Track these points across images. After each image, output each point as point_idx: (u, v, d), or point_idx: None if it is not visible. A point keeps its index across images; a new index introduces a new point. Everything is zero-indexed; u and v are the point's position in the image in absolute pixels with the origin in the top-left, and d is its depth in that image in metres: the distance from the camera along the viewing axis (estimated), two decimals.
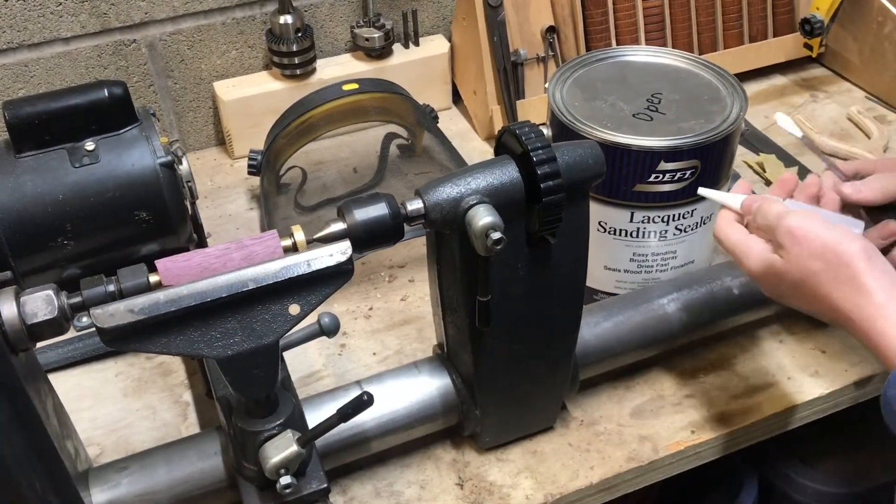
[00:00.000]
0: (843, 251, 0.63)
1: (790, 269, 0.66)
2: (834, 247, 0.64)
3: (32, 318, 0.56)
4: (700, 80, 0.89)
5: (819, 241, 0.64)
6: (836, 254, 0.63)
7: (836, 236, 0.64)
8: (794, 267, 0.66)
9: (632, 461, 0.80)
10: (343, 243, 0.61)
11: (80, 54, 1.09)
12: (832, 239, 0.64)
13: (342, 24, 1.21)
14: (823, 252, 0.64)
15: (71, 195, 0.85)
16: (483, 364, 0.73)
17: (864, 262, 0.63)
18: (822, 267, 0.64)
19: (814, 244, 0.65)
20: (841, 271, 0.63)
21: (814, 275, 0.65)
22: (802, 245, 0.65)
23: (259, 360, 0.60)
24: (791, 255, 0.66)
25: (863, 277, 0.62)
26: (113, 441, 0.83)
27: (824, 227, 0.65)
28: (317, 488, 0.66)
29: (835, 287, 0.64)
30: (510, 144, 0.67)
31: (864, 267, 0.62)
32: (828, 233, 0.65)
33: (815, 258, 0.64)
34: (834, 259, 0.63)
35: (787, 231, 0.66)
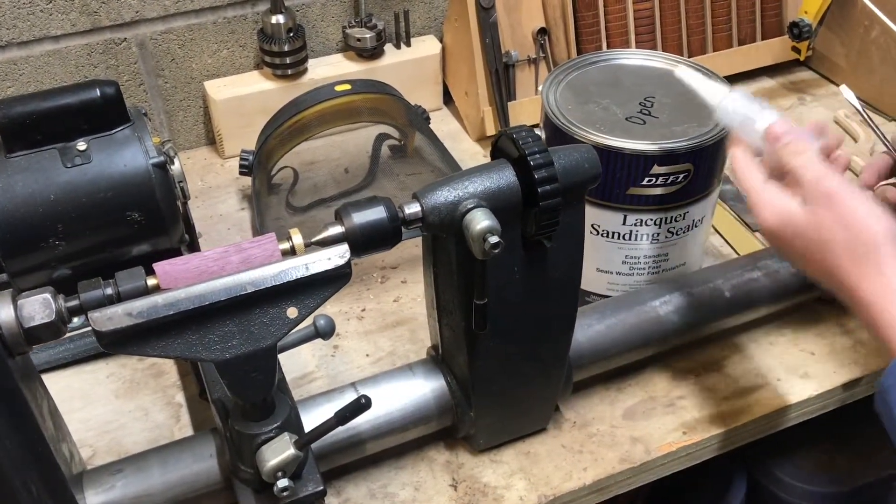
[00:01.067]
0: (870, 227, 0.61)
1: (812, 229, 0.63)
2: (864, 221, 0.62)
3: (30, 321, 0.56)
4: None
5: (852, 211, 0.62)
6: (864, 230, 0.61)
7: (869, 212, 0.62)
8: (817, 228, 0.63)
9: (624, 462, 0.80)
10: (341, 247, 0.61)
11: (70, 53, 1.08)
12: (863, 212, 0.62)
13: (334, 24, 1.21)
14: (853, 223, 0.62)
15: (62, 195, 0.85)
16: (478, 366, 0.73)
17: (890, 245, 0.61)
18: (846, 237, 0.62)
19: (846, 212, 0.62)
20: (864, 249, 0.61)
21: (835, 243, 0.62)
22: (835, 209, 0.62)
23: (257, 363, 0.60)
24: (819, 214, 0.63)
25: (884, 260, 0.60)
26: (105, 443, 0.83)
27: (863, 198, 0.63)
28: (313, 490, 0.66)
29: (852, 262, 0.61)
30: (507, 148, 0.67)
31: (888, 251, 0.61)
32: (864, 206, 0.62)
33: (842, 227, 0.62)
34: (860, 234, 0.61)
35: (827, 192, 0.63)
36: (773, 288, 0.89)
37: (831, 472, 1.15)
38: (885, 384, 0.59)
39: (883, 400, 0.59)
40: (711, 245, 1.03)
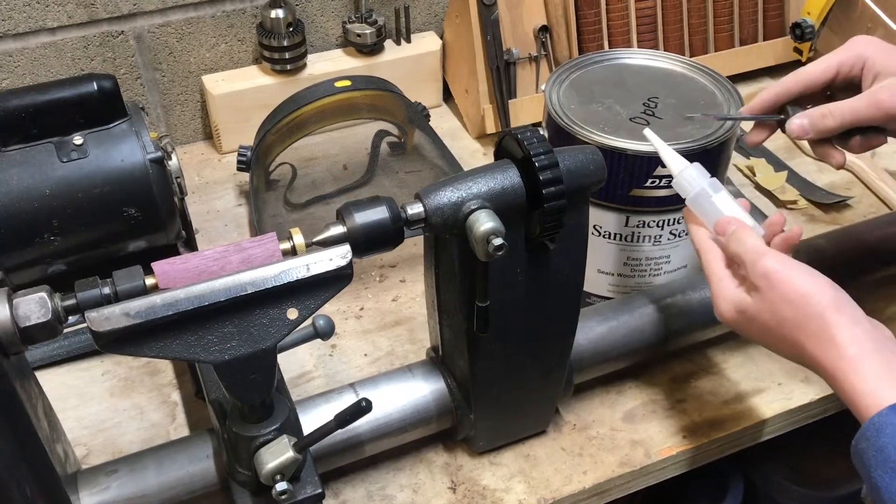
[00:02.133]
0: (816, 302, 0.61)
1: (762, 314, 0.64)
2: (807, 297, 0.62)
3: (25, 320, 0.54)
4: (696, 84, 0.89)
5: (792, 288, 0.63)
6: (808, 304, 0.62)
7: (808, 285, 0.62)
8: (765, 311, 0.64)
9: (624, 466, 0.80)
10: (343, 247, 0.60)
11: (66, 45, 1.07)
12: (805, 287, 0.62)
13: (334, 20, 1.20)
14: (795, 299, 0.62)
15: (58, 190, 0.84)
16: (479, 368, 0.72)
17: (835, 313, 0.61)
18: (794, 315, 0.62)
19: (787, 290, 0.63)
20: (812, 322, 0.61)
21: (786, 321, 0.63)
22: (776, 290, 0.63)
23: (256, 364, 0.59)
24: (765, 298, 0.64)
25: (834, 330, 0.61)
26: (100, 442, 0.82)
27: (800, 272, 0.63)
28: (311, 493, 0.65)
29: (807, 338, 0.62)
30: (511, 149, 0.67)
31: (835, 319, 0.61)
32: (802, 280, 0.63)
33: (788, 305, 0.63)
34: (805, 308, 0.62)
35: (764, 273, 0.64)
36: None
37: (828, 476, 1.15)
38: (857, 447, 0.58)
39: (859, 461, 0.58)
40: None
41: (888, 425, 0.56)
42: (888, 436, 0.55)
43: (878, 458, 0.56)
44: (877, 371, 0.59)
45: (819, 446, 1.13)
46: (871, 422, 0.57)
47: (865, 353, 0.60)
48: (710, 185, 0.72)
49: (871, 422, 0.57)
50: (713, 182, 0.72)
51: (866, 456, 0.57)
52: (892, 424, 0.56)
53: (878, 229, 0.95)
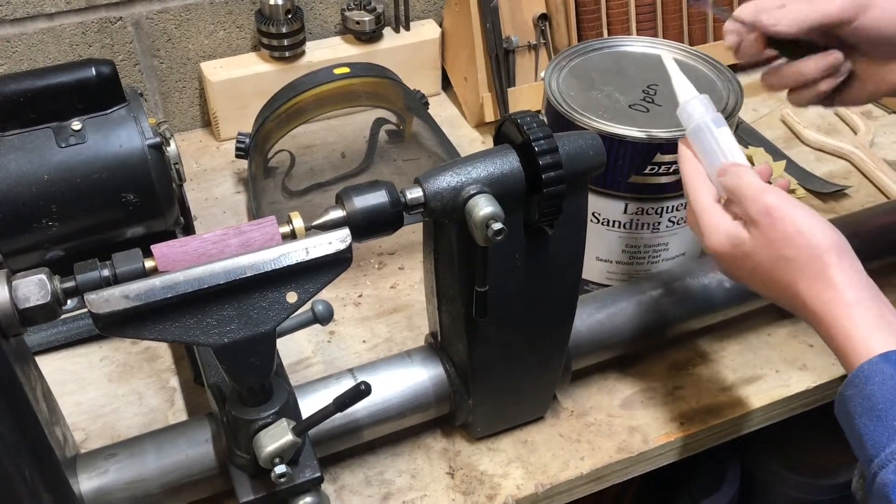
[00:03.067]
0: (817, 243, 0.60)
1: (758, 250, 0.63)
2: (808, 236, 0.61)
3: (25, 302, 0.54)
4: (696, 72, 0.89)
5: (794, 226, 0.61)
6: (810, 244, 0.61)
7: (811, 225, 0.61)
8: (763, 249, 0.62)
9: (622, 452, 0.80)
10: (342, 231, 0.60)
11: (64, 31, 1.06)
12: (807, 227, 0.61)
13: (332, 7, 1.19)
14: (796, 238, 0.61)
15: (56, 175, 0.83)
16: (478, 353, 0.72)
17: (836, 257, 0.60)
18: (794, 255, 0.61)
19: (789, 227, 0.61)
20: (812, 263, 0.60)
21: (783, 261, 0.62)
22: (777, 227, 0.62)
23: (255, 348, 0.59)
24: (764, 235, 0.62)
25: (832, 272, 0.60)
26: (98, 426, 0.82)
27: (803, 212, 0.62)
28: (310, 477, 0.66)
29: (802, 278, 0.61)
30: (510, 134, 0.66)
31: (836, 262, 0.60)
32: (805, 219, 0.62)
33: (788, 243, 0.61)
34: (806, 249, 0.61)
35: (766, 209, 0.62)
36: None
37: (824, 464, 1.15)
38: (844, 394, 0.58)
39: (844, 409, 0.58)
40: None
41: (878, 373, 0.55)
42: (876, 384, 0.55)
43: (865, 405, 0.55)
44: (870, 320, 0.58)
45: (814, 434, 1.13)
46: (860, 369, 0.57)
47: (861, 300, 0.59)
48: (713, 120, 0.70)
49: (860, 369, 0.57)
50: (717, 117, 0.71)
51: (852, 403, 0.57)
52: (881, 373, 0.55)
53: (876, 218, 0.96)
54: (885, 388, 0.55)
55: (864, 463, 0.56)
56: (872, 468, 0.54)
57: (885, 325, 0.58)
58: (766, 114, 1.25)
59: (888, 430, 0.54)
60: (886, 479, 0.53)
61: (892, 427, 0.54)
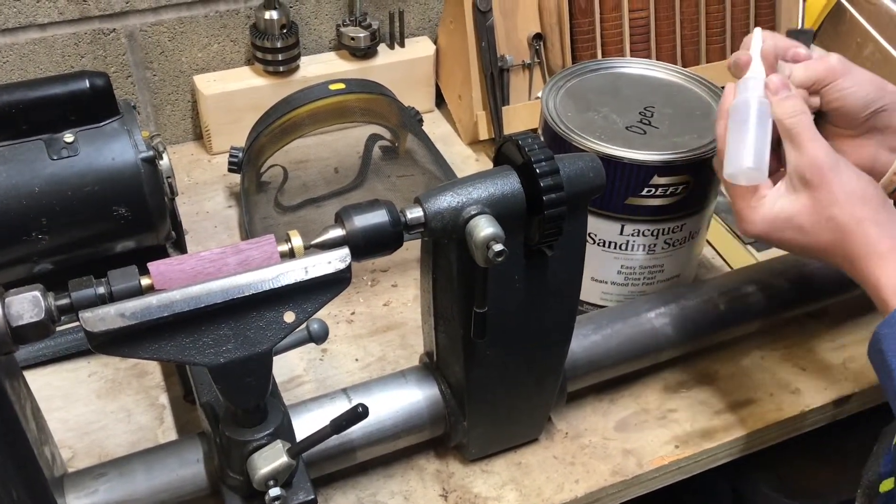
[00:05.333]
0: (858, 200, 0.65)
1: (805, 212, 0.66)
2: (851, 195, 0.65)
3: (18, 319, 0.53)
4: (692, 94, 0.90)
5: (841, 187, 0.65)
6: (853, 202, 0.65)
7: (855, 184, 0.66)
8: (810, 211, 0.66)
9: (616, 475, 0.79)
10: (342, 250, 0.60)
11: (56, 41, 1.05)
12: (851, 187, 0.65)
13: (327, 22, 1.19)
14: (840, 197, 0.65)
15: (47, 188, 0.82)
16: (474, 374, 0.72)
17: (872, 212, 0.65)
18: (837, 213, 0.65)
19: (836, 189, 0.65)
20: (853, 218, 0.65)
21: (827, 220, 0.65)
22: (825, 187, 0.66)
23: (252, 368, 0.59)
24: (812, 196, 0.66)
25: (867, 226, 0.64)
26: (85, 444, 0.80)
27: (849, 171, 0.66)
28: (304, 499, 0.65)
29: (844, 235, 0.65)
30: (511, 154, 0.66)
31: (871, 216, 0.65)
32: (850, 179, 0.66)
33: (834, 204, 0.65)
34: (848, 207, 0.65)
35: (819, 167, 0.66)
36: (766, 302, 0.88)
37: (815, 488, 1.15)
38: (880, 332, 0.61)
39: (877, 348, 0.61)
40: (703, 256, 1.02)
41: None
42: None
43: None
44: None
45: (806, 458, 1.13)
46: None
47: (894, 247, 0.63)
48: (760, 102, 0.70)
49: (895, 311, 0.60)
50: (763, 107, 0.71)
51: (886, 341, 0.60)
52: None
53: None
54: None
55: (892, 395, 0.59)
56: None
57: None
58: None
59: None
60: None
61: None
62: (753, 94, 0.71)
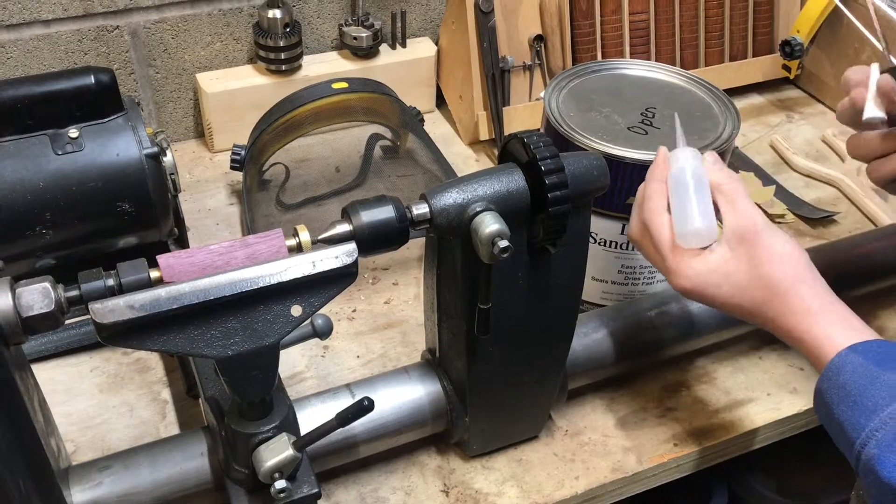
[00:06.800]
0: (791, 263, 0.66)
1: (739, 269, 0.67)
2: (784, 256, 0.66)
3: (28, 310, 0.54)
4: (693, 96, 0.90)
5: (773, 248, 0.67)
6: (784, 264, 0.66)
7: (787, 247, 0.67)
8: (743, 268, 0.67)
9: (616, 472, 0.80)
10: (349, 245, 0.60)
11: (60, 38, 1.06)
12: (782, 249, 0.67)
13: (330, 22, 1.20)
14: (773, 258, 0.66)
15: (52, 183, 0.83)
16: (477, 370, 0.72)
17: (803, 273, 0.66)
18: (768, 272, 0.66)
19: (767, 250, 0.66)
20: (784, 281, 0.66)
21: (759, 279, 0.66)
22: (760, 246, 0.67)
23: (259, 361, 0.59)
24: (747, 253, 0.67)
25: (800, 287, 0.65)
26: (88, 438, 0.81)
27: (781, 235, 0.68)
28: (308, 493, 0.65)
29: (776, 295, 0.66)
30: (516, 152, 0.67)
31: (803, 278, 0.66)
32: (781, 242, 0.67)
33: (767, 262, 0.66)
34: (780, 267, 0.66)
35: (756, 228, 0.67)
36: None
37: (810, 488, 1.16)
38: (820, 388, 0.62)
39: (821, 402, 0.62)
40: None
41: (847, 363, 0.60)
42: (847, 373, 0.60)
43: (840, 394, 0.60)
44: (835, 322, 0.64)
45: (801, 458, 1.14)
46: (832, 363, 0.61)
47: (825, 307, 0.65)
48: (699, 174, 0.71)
49: (831, 363, 0.61)
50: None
51: (828, 395, 0.61)
52: (851, 362, 0.60)
53: (865, 244, 0.97)
54: (857, 375, 0.59)
55: (847, 448, 0.59)
56: (855, 450, 0.58)
57: (847, 325, 0.64)
58: (755, 139, 1.26)
59: (864, 411, 0.58)
60: (870, 454, 0.56)
61: (867, 408, 0.58)
62: (689, 164, 0.71)
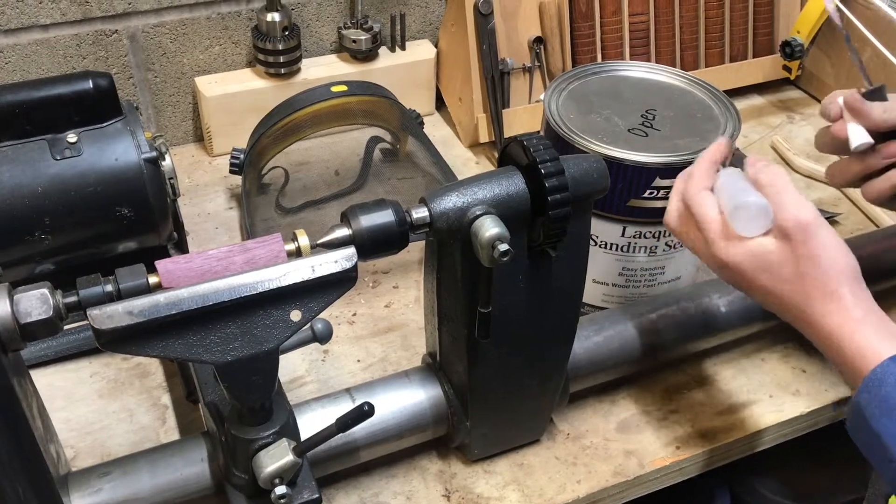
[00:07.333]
0: (838, 266, 0.63)
1: (783, 264, 0.64)
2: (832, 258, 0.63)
3: (26, 317, 0.53)
4: (693, 98, 0.90)
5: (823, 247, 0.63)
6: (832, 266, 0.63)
7: (836, 248, 0.63)
8: (788, 263, 0.64)
9: (618, 476, 0.80)
10: (348, 249, 0.60)
11: (58, 42, 1.05)
12: (832, 249, 0.63)
13: (329, 25, 1.19)
14: (821, 258, 0.63)
15: (51, 188, 0.83)
16: (477, 374, 0.72)
17: (848, 278, 0.63)
18: (813, 273, 0.63)
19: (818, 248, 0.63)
20: (828, 283, 0.63)
21: (802, 277, 0.63)
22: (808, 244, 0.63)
23: (258, 366, 0.59)
24: (793, 250, 0.63)
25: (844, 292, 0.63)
26: (87, 444, 0.80)
27: (831, 233, 0.64)
28: (308, 498, 0.65)
29: (817, 297, 0.63)
30: (516, 155, 0.67)
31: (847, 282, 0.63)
32: (831, 242, 0.63)
33: (813, 262, 0.63)
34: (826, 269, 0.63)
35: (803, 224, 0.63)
36: None
37: (812, 490, 1.16)
38: (858, 400, 0.59)
39: (859, 415, 0.59)
40: None
41: (890, 374, 0.58)
42: (891, 385, 0.58)
43: (882, 406, 0.58)
44: (878, 331, 0.61)
45: (803, 460, 1.14)
46: (874, 373, 0.59)
47: (868, 315, 0.62)
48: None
49: (873, 373, 0.59)
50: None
51: (869, 408, 0.58)
52: (894, 374, 0.58)
53: (867, 245, 0.96)
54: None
55: (883, 462, 0.57)
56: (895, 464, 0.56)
57: (889, 335, 0.61)
58: (756, 140, 1.26)
59: None
60: None
61: None
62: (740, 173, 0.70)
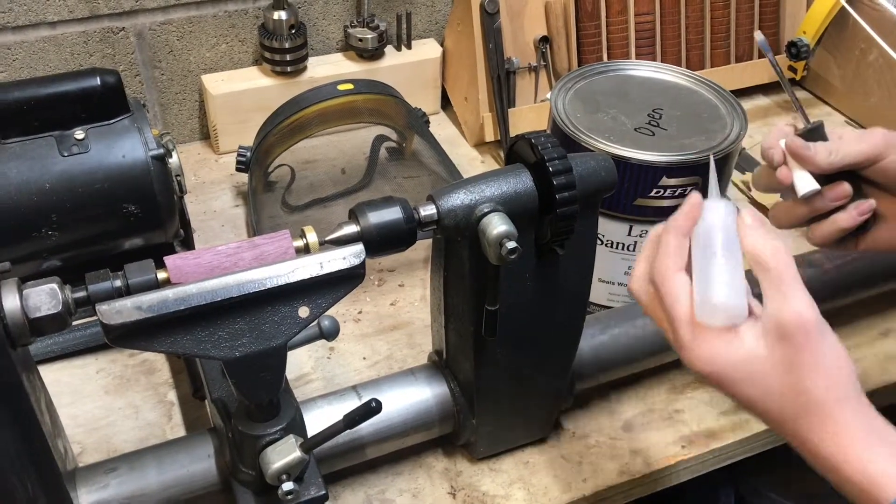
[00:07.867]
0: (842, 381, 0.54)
1: (774, 372, 0.54)
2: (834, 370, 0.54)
3: (35, 311, 0.54)
4: (699, 97, 0.90)
5: (824, 356, 0.54)
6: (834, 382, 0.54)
7: (837, 356, 0.54)
8: (779, 371, 0.54)
9: (624, 474, 0.80)
10: (356, 246, 0.60)
11: (65, 40, 1.06)
12: (834, 359, 0.54)
13: (335, 23, 1.20)
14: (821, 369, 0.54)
15: (58, 184, 0.83)
16: (484, 372, 0.72)
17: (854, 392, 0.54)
18: (811, 387, 0.54)
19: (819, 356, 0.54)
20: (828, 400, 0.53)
21: (797, 391, 0.54)
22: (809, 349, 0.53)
23: (266, 362, 0.59)
24: (787, 356, 0.54)
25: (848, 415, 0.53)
26: (94, 440, 0.80)
27: (833, 337, 0.55)
28: (315, 495, 0.65)
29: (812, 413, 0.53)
30: (524, 153, 0.67)
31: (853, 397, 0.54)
32: (833, 348, 0.54)
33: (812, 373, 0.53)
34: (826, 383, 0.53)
35: (806, 323, 0.53)
36: None
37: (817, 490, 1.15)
38: None
39: None
40: None
41: None
42: None
43: None
44: (890, 454, 0.52)
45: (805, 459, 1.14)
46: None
47: (873, 433, 0.53)
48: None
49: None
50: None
51: None
52: None
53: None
54: None
55: None
56: None
57: None
58: (761, 140, 1.26)
59: None
60: None
61: None
62: (720, 222, 0.57)
